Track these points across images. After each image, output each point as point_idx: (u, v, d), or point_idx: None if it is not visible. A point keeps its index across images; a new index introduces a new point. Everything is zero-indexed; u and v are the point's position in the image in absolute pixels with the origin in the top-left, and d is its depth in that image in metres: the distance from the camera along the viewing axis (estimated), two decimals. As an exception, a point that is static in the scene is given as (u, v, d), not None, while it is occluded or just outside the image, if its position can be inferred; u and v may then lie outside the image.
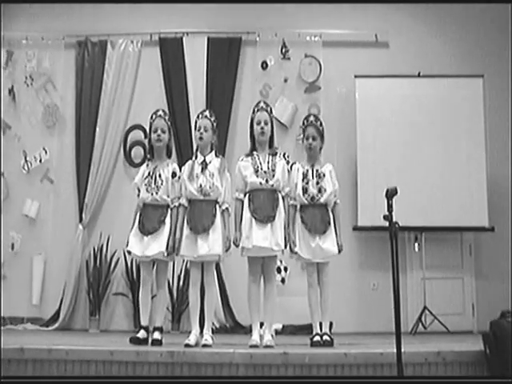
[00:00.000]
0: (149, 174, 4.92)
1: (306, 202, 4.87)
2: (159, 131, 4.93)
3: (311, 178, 4.91)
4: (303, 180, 4.91)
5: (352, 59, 7.62)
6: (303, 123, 5.08)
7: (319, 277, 4.87)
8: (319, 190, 4.87)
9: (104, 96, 7.60)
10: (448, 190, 7.06)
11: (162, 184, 4.87)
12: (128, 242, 4.86)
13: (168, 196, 4.88)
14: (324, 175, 4.93)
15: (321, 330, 4.82)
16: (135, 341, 4.72)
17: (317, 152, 5.01)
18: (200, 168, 4.81)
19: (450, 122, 7.20)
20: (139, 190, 4.96)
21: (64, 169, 7.63)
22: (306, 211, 4.87)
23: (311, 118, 5.05)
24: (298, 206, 4.91)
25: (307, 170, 4.95)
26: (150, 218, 4.83)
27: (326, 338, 4.76)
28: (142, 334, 4.78)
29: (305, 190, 4.87)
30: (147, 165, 5.02)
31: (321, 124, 5.02)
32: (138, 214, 4.89)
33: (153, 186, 4.87)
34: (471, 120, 7.21)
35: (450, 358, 4.10)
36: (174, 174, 4.92)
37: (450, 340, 5.48)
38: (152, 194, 4.86)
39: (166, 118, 5.04)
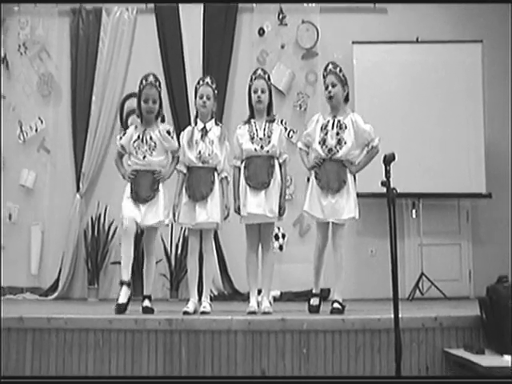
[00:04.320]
0: (138, 137, 4.79)
1: (323, 154, 4.60)
2: (150, 102, 4.76)
3: (331, 128, 4.61)
4: (322, 131, 4.64)
5: (350, 25, 7.54)
6: (323, 75, 4.79)
7: (333, 239, 4.64)
8: (338, 142, 4.58)
9: (100, 64, 7.52)
10: (446, 156, 7.03)
11: (155, 146, 4.77)
12: (123, 210, 4.70)
13: (163, 157, 4.81)
14: (346, 126, 4.60)
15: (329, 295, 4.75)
16: (120, 307, 4.51)
17: (339, 101, 4.67)
18: (200, 135, 4.76)
19: (449, 87, 7.14)
20: (124, 150, 4.87)
21: (60, 138, 7.59)
22: (321, 167, 4.62)
23: (329, 66, 4.73)
24: (313, 159, 4.69)
25: (328, 121, 4.66)
26: (142, 184, 4.73)
27: (336, 305, 4.58)
28: (124, 291, 4.59)
29: (323, 142, 4.61)
30: (136, 127, 4.89)
31: (340, 70, 4.69)
32: (130, 183, 4.77)
33: (144, 148, 4.75)
34: (469, 85, 7.16)
35: (446, 323, 4.12)
36: (169, 132, 4.83)
37: (447, 305, 5.52)
38: (144, 157, 4.75)
39: (157, 83, 4.83)
